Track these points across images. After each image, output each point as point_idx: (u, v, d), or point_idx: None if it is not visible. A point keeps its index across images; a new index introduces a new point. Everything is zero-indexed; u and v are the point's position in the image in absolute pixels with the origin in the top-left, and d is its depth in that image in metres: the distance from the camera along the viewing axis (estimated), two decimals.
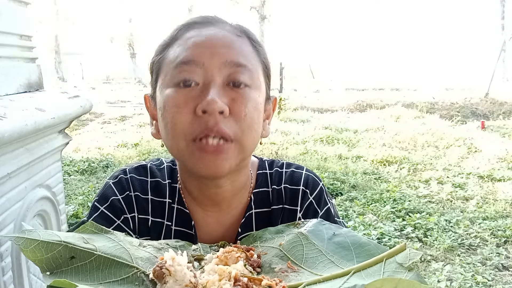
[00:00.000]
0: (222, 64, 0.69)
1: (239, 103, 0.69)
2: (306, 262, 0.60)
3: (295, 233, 0.65)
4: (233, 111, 0.69)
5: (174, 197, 0.84)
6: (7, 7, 1.51)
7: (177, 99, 0.70)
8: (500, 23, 18.17)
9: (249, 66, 0.72)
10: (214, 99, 0.67)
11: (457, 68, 18.76)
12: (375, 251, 0.58)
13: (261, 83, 0.76)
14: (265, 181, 0.87)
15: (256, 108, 0.72)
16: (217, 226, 0.84)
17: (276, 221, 0.84)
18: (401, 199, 4.18)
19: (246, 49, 0.74)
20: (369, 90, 14.36)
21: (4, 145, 1.18)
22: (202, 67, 0.69)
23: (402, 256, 0.55)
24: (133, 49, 22.07)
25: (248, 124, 0.71)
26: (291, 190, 0.85)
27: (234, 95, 0.70)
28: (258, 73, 0.75)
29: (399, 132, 7.55)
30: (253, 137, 0.73)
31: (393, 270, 0.54)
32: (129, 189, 0.83)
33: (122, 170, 0.86)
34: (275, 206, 0.85)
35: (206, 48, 0.70)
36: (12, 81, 1.51)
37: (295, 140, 7.04)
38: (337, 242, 0.62)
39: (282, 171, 0.87)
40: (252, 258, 0.63)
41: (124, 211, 0.82)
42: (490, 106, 10.15)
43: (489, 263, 2.98)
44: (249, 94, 0.71)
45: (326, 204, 0.85)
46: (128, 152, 6.37)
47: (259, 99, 0.73)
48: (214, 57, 0.70)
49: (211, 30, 0.73)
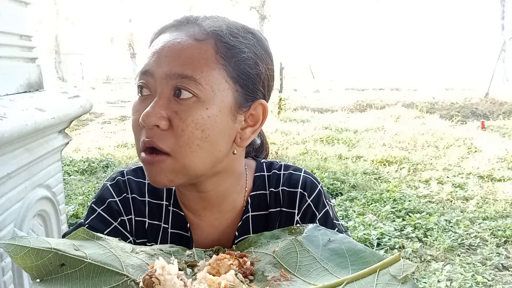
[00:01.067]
0: (167, 75, 0.67)
1: (178, 117, 0.67)
2: (299, 270, 0.59)
3: (290, 239, 0.64)
4: (173, 125, 0.67)
5: (170, 199, 0.84)
6: (7, 7, 1.51)
7: (134, 107, 0.72)
8: (500, 23, 18.17)
9: (196, 76, 0.67)
10: (148, 113, 0.66)
11: (457, 68, 18.77)
12: (370, 258, 0.58)
13: (220, 92, 0.69)
14: (263, 183, 0.85)
15: (200, 123, 0.67)
16: (212, 230, 0.83)
17: (273, 224, 0.83)
18: (401, 199, 4.18)
19: (200, 56, 0.68)
20: (369, 90, 14.36)
21: (4, 145, 1.18)
22: (153, 77, 0.69)
23: (396, 267, 0.54)
24: (133, 49, 22.07)
25: (186, 140, 0.67)
26: (289, 192, 0.84)
27: (177, 107, 0.67)
28: (213, 83, 0.68)
29: (399, 132, 7.55)
30: (198, 154, 0.69)
31: (386, 282, 0.53)
32: (127, 191, 0.83)
33: (119, 172, 0.86)
34: (273, 209, 0.84)
35: (157, 58, 0.69)
36: (12, 81, 1.51)
37: (295, 140, 7.04)
38: (332, 249, 0.61)
39: (280, 173, 0.86)
40: (245, 265, 0.61)
41: (121, 213, 0.82)
42: (490, 106, 10.15)
43: (489, 263, 2.98)
44: (192, 108, 0.67)
45: (324, 207, 0.84)
46: (128, 152, 6.37)
47: (207, 112, 0.68)
48: (161, 67, 0.68)
49: (172, 36, 0.71)
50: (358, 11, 26.17)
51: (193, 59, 0.68)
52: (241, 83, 0.71)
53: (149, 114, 0.66)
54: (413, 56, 22.13)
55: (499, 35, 17.03)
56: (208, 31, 0.70)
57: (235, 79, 0.71)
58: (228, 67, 0.70)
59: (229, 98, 0.70)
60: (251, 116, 0.75)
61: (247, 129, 0.75)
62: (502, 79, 15.89)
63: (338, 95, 12.83)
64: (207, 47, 0.69)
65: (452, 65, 19.77)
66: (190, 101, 0.67)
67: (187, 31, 0.71)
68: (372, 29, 25.14)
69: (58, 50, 22.71)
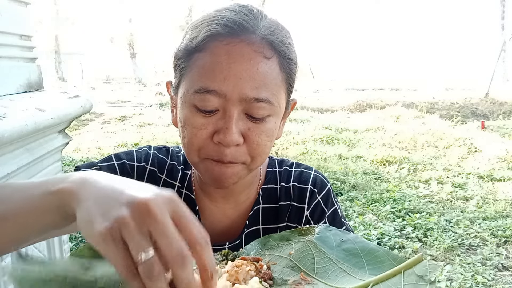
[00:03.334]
0: (243, 98, 0.68)
1: (254, 133, 0.71)
2: (318, 273, 0.59)
3: (304, 241, 0.63)
4: (247, 140, 0.71)
5: (184, 182, 0.87)
6: (7, 7, 1.50)
7: (196, 122, 0.71)
8: (500, 23, 18.16)
9: (269, 98, 0.70)
10: (232, 135, 0.68)
11: (457, 68, 18.77)
12: (385, 257, 0.57)
13: (281, 104, 0.74)
14: (274, 178, 0.89)
15: (271, 135, 0.73)
16: (223, 218, 0.86)
17: (283, 217, 0.86)
18: (401, 199, 4.18)
19: (271, 77, 0.70)
20: (369, 90, 14.36)
21: (4, 145, 1.18)
22: (224, 98, 0.68)
23: (420, 267, 0.54)
24: (133, 49, 22.05)
25: (259, 151, 0.73)
26: (299, 188, 0.86)
27: (250, 125, 0.71)
28: (279, 97, 0.72)
29: (399, 132, 7.55)
30: (263, 157, 0.75)
31: (413, 282, 0.52)
32: (146, 162, 0.87)
33: (147, 146, 0.92)
34: (283, 202, 0.86)
35: (230, 81, 0.67)
36: (12, 81, 1.51)
37: (295, 140, 7.04)
38: (347, 249, 0.61)
39: (291, 170, 0.89)
40: (262, 269, 0.60)
41: (131, 177, 0.81)
42: (490, 106, 10.15)
43: (489, 263, 2.98)
44: (265, 125, 0.72)
45: (333, 205, 0.87)
46: None
47: (275, 125, 0.74)
48: (235, 90, 0.68)
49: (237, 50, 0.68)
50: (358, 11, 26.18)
51: (265, 80, 0.69)
52: (290, 90, 0.77)
53: (231, 137, 0.68)
54: (413, 56, 22.13)
55: (499, 35, 17.03)
56: (271, 45, 0.71)
57: (288, 88, 0.76)
58: (288, 80, 0.74)
59: (284, 104, 0.76)
60: (285, 114, 0.81)
61: (280, 124, 0.80)
62: (502, 79, 15.88)
63: (338, 95, 12.83)
64: (275, 64, 0.71)
65: (452, 65, 19.77)
66: (264, 120, 0.71)
67: (251, 42, 0.69)
68: (372, 29, 25.14)
69: (58, 50, 22.69)
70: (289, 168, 0.90)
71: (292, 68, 0.75)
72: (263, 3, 19.84)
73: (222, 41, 0.69)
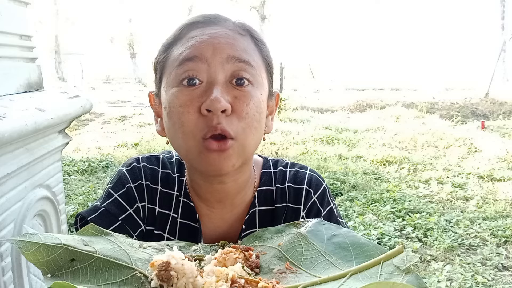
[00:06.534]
0: (225, 60, 0.70)
1: (241, 101, 0.71)
2: (304, 263, 0.60)
3: (294, 233, 0.65)
4: (235, 109, 0.70)
5: (181, 190, 0.85)
6: (7, 7, 1.50)
7: (182, 98, 0.71)
8: (500, 23, 18.17)
9: (251, 62, 0.72)
10: (217, 98, 0.68)
11: (457, 68, 18.75)
12: (374, 252, 0.58)
13: (264, 80, 0.76)
14: (269, 179, 0.88)
15: (258, 106, 0.73)
16: (221, 223, 0.85)
17: (279, 219, 0.85)
18: (401, 199, 4.18)
19: (248, 46, 0.75)
20: (369, 90, 14.35)
21: (4, 145, 1.18)
22: (206, 62, 0.70)
23: (399, 258, 0.55)
24: (133, 49, 22.07)
25: (248, 122, 0.71)
26: (295, 189, 0.86)
27: (236, 93, 0.71)
28: (260, 70, 0.75)
29: (399, 132, 7.55)
30: (254, 135, 0.73)
31: (389, 273, 0.54)
32: (141, 178, 0.85)
33: (135, 158, 0.88)
34: (279, 204, 0.86)
35: (209, 45, 0.71)
36: (12, 81, 1.51)
37: (295, 140, 7.04)
38: (336, 243, 0.62)
39: (286, 170, 0.89)
40: (250, 258, 0.62)
41: (136, 200, 0.83)
42: (490, 106, 10.14)
43: (489, 263, 2.98)
44: (251, 92, 0.72)
45: (329, 204, 0.87)
46: (128, 152, 6.37)
47: (261, 97, 0.74)
48: (217, 53, 0.70)
49: (214, 29, 0.74)
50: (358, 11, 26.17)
51: (245, 48, 0.73)
52: (270, 73, 0.80)
53: (218, 99, 0.68)
54: (413, 56, 22.12)
55: (499, 35, 17.02)
56: (243, 27, 0.76)
57: (267, 69, 0.78)
58: (263, 59, 0.77)
59: (267, 86, 0.77)
60: (270, 105, 0.81)
61: (268, 117, 0.81)
62: (502, 79, 15.87)
63: (338, 95, 12.83)
64: (249, 40, 0.76)
65: (452, 65, 19.76)
66: (248, 87, 0.72)
67: (225, 26, 0.75)
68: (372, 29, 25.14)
69: (58, 50, 22.70)
70: (284, 169, 0.89)
71: (268, 52, 0.79)
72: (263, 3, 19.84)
73: (199, 27, 0.74)
